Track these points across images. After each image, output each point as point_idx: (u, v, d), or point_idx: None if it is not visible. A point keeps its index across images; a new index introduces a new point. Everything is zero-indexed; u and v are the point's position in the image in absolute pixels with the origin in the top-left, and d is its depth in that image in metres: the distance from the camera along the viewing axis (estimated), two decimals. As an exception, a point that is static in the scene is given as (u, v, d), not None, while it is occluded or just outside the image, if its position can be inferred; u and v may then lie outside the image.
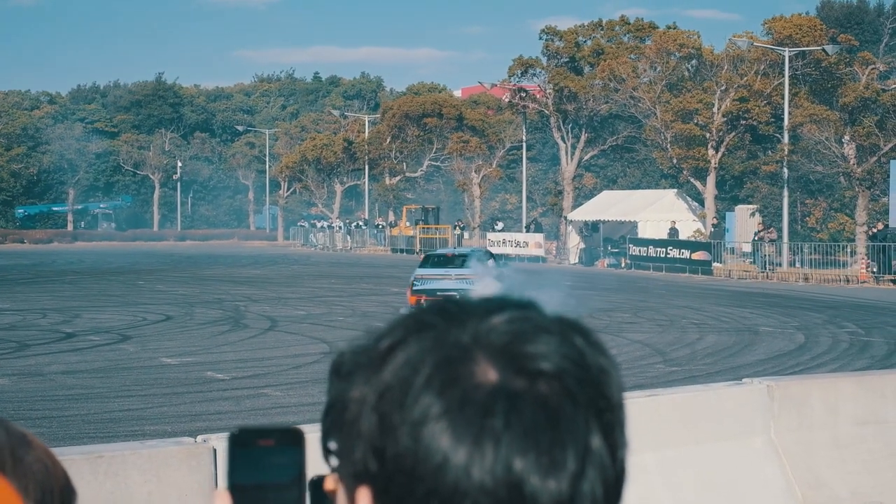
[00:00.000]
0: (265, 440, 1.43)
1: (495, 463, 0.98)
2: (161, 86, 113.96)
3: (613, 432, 1.06)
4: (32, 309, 34.08)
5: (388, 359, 1.07)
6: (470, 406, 1.00)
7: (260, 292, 40.92)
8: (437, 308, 1.10)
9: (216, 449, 8.24)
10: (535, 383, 1.02)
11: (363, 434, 1.06)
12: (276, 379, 20.17)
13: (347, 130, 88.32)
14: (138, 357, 23.19)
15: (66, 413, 16.48)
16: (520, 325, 1.06)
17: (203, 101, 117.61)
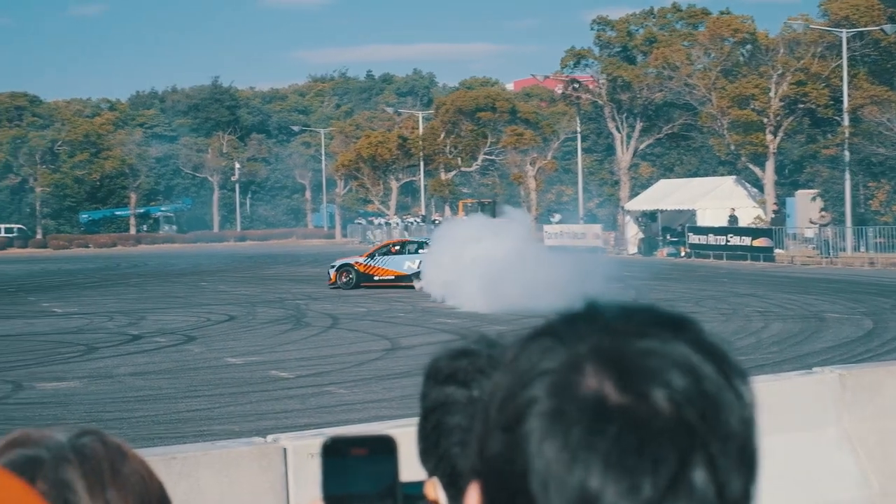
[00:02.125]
0: (358, 449, 1.43)
1: (583, 477, 0.96)
2: (217, 89, 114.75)
3: (722, 467, 0.98)
4: (99, 312, 34.48)
5: (505, 371, 1.05)
6: (567, 416, 0.98)
7: (320, 290, 41.11)
8: (560, 317, 1.07)
9: (286, 448, 8.30)
10: (640, 402, 0.98)
11: (472, 438, 1.06)
12: (339, 376, 20.26)
13: (402, 127, 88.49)
14: (204, 357, 23.39)
15: (135, 414, 16.67)
16: (640, 340, 1.01)
17: (259, 102, 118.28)
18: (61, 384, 19.97)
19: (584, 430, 0.97)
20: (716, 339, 1.04)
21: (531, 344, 1.05)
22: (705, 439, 0.98)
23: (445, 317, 30.35)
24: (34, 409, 17.37)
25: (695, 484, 0.96)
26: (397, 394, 18.13)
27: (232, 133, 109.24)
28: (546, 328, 1.06)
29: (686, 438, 0.97)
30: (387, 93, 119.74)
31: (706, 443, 0.98)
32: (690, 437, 0.97)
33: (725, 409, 1.00)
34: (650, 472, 0.96)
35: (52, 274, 57.74)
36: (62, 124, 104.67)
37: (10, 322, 32.37)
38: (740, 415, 1.01)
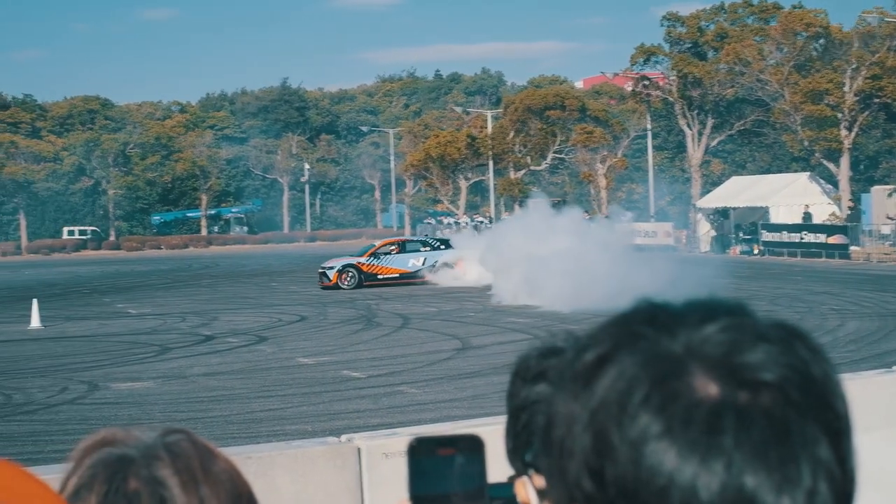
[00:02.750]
0: (445, 449, 1.40)
1: (726, 481, 0.93)
2: (287, 90, 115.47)
3: (841, 443, 0.99)
4: (172, 313, 34.80)
5: (598, 373, 1.00)
6: (694, 423, 0.94)
7: (391, 290, 41.18)
8: (645, 315, 1.03)
9: (361, 448, 8.26)
10: (759, 396, 0.96)
11: (576, 454, 0.99)
12: (411, 376, 20.24)
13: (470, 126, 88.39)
14: (276, 357, 23.50)
15: (209, 414, 16.75)
16: (735, 333, 0.99)
17: (327, 103, 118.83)
18: (136, 384, 20.15)
19: (718, 434, 0.94)
20: (791, 321, 1.03)
21: (621, 352, 1.00)
22: (826, 418, 0.98)
23: (516, 316, 30.23)
24: (110, 409, 17.53)
25: (824, 463, 0.96)
26: (469, 393, 18.07)
27: (301, 134, 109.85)
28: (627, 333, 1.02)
29: (811, 420, 0.97)
30: (455, 92, 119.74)
31: (827, 421, 0.98)
32: (814, 418, 0.97)
33: (832, 387, 1.00)
34: (800, 460, 0.95)
35: (125, 275, 58.41)
36: (134, 127, 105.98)
37: (85, 323, 32.77)
38: (841, 391, 1.01)
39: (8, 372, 22.40)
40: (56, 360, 24.22)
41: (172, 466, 1.34)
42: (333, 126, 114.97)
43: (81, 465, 1.36)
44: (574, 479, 1.00)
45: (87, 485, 1.33)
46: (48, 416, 17.13)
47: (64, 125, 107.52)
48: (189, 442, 1.39)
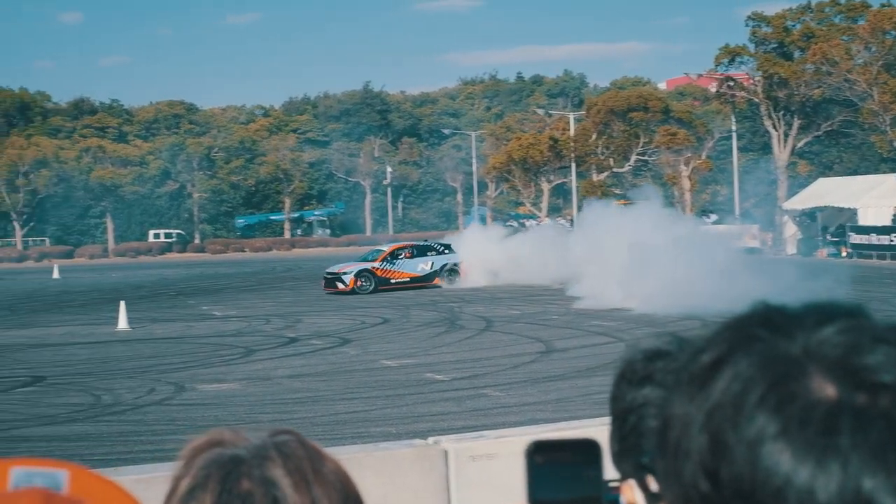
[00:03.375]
0: (562, 453, 1.41)
1: (843, 483, 0.92)
2: (369, 94, 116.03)
3: None
4: (257, 315, 35.08)
5: (715, 375, 1.00)
6: (811, 424, 0.94)
7: (473, 293, 41.14)
8: (761, 318, 1.02)
9: (448, 451, 8.22)
10: (877, 397, 0.95)
11: (692, 455, 0.99)
12: (494, 379, 20.17)
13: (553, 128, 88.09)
14: (359, 360, 23.57)
15: (294, 416, 16.81)
16: (854, 335, 0.98)
17: (409, 106, 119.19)
18: (222, 386, 20.31)
19: (836, 435, 0.93)
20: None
21: (737, 354, 0.99)
22: None
23: (601, 319, 30.02)
24: (196, 410, 17.67)
25: None
26: (553, 396, 17.96)
27: (384, 137, 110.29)
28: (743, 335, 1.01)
29: None
30: (537, 94, 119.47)
31: None
32: None
33: None
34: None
35: (210, 278, 59.03)
36: (218, 131, 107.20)
37: (171, 325, 33.14)
38: None
39: (97, 373, 22.71)
40: (143, 361, 24.51)
41: (284, 467, 1.34)
42: (416, 129, 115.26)
43: (192, 465, 1.35)
44: (690, 481, 0.99)
45: (201, 485, 1.33)
46: (136, 417, 17.33)
47: (150, 129, 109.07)
48: (298, 443, 1.40)
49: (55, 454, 14.41)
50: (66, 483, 1.24)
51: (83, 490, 1.23)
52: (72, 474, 1.25)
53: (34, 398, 19.52)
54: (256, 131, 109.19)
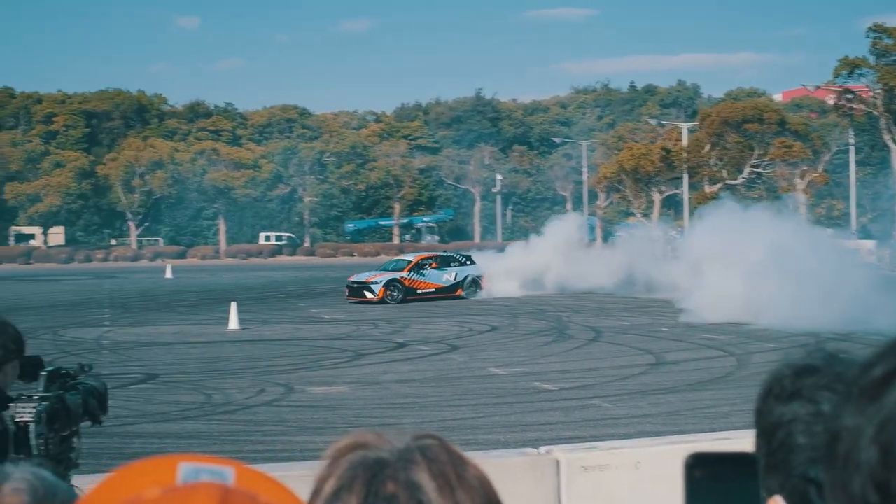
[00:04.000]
0: (721, 466, 1.38)
1: None
2: (480, 101, 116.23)
3: None
4: (365, 320, 35.29)
5: (886, 388, 0.99)
6: None
7: (581, 303, 40.90)
8: None
9: (559, 461, 8.13)
10: None
11: (862, 467, 0.99)
12: (603, 390, 19.99)
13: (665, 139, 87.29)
14: (467, 367, 23.53)
15: (401, 421, 16.82)
16: None
17: (521, 114, 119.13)
18: (331, 389, 20.42)
19: None
20: None
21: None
22: None
23: (712, 333, 29.60)
24: (305, 412, 17.79)
25: None
26: (663, 409, 17.73)
27: (494, 144, 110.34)
28: None
29: None
30: (650, 104, 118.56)
31: None
32: None
33: None
34: None
35: (319, 281, 59.55)
36: (330, 136, 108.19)
37: (281, 327, 33.48)
38: None
39: (208, 372, 23.00)
40: (253, 362, 24.77)
41: (429, 471, 1.33)
42: (526, 137, 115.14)
43: (337, 466, 1.34)
44: (859, 493, 0.99)
45: (346, 486, 1.32)
46: (246, 417, 17.49)
47: (263, 133, 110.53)
48: (442, 447, 1.38)
49: (167, 451, 14.60)
50: (232, 480, 1.23)
51: (249, 487, 1.23)
52: (237, 471, 1.23)
53: (147, 395, 19.83)
54: (368, 137, 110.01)
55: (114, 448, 14.36)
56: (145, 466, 1.18)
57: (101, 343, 29.18)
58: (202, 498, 1.11)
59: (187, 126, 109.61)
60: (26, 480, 1.40)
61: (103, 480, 1.18)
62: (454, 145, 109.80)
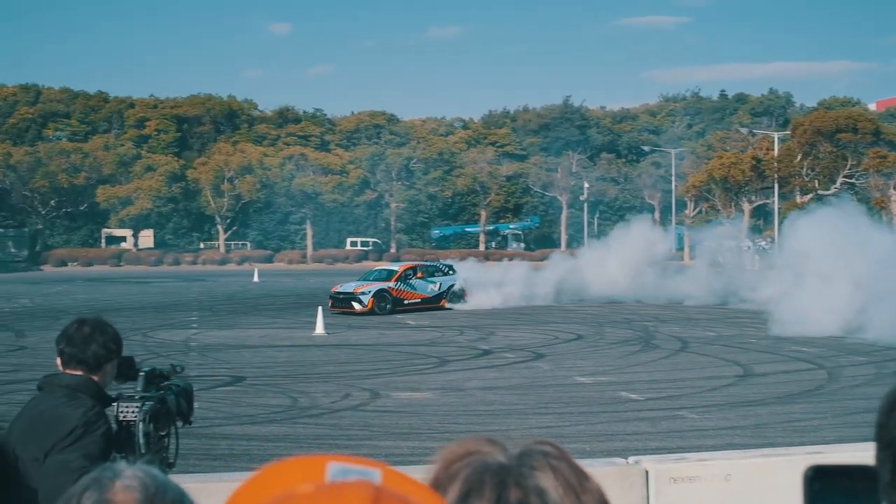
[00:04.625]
0: (842, 480, 1.37)
1: None
2: (568, 108, 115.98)
3: None
4: (450, 326, 35.30)
5: None
6: None
7: (668, 312, 40.53)
8: None
9: (648, 471, 8.02)
10: None
11: None
12: (690, 401, 19.74)
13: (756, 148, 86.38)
14: (552, 375, 23.40)
15: (487, 427, 16.75)
16: None
17: (609, 122, 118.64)
18: (415, 394, 20.42)
19: None
20: None
21: None
22: None
23: (802, 345, 29.13)
24: (390, 417, 17.80)
25: None
26: (751, 422, 17.46)
27: (582, 152, 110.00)
28: None
29: None
30: (740, 113, 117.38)
31: None
32: None
33: None
34: None
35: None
36: (417, 142, 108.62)
37: (366, 332, 33.61)
38: None
39: (294, 376, 23.14)
40: (339, 366, 24.87)
41: (554, 478, 1.34)
42: (614, 145, 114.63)
43: (457, 471, 1.35)
44: None
45: (476, 490, 1.33)
46: (332, 421, 17.54)
47: (351, 139, 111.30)
48: (561, 454, 1.40)
49: (254, 453, 14.70)
50: (380, 480, 1.24)
51: (396, 488, 1.24)
52: (384, 472, 1.24)
53: (235, 397, 19.99)
54: (455, 143, 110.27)
55: (201, 449, 14.48)
56: (295, 464, 1.20)
57: (189, 345, 29.51)
58: (355, 496, 1.12)
59: (276, 131, 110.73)
60: (137, 478, 1.40)
61: (252, 476, 1.20)
62: (542, 152, 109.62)
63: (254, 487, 1.17)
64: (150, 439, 4.41)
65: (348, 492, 1.14)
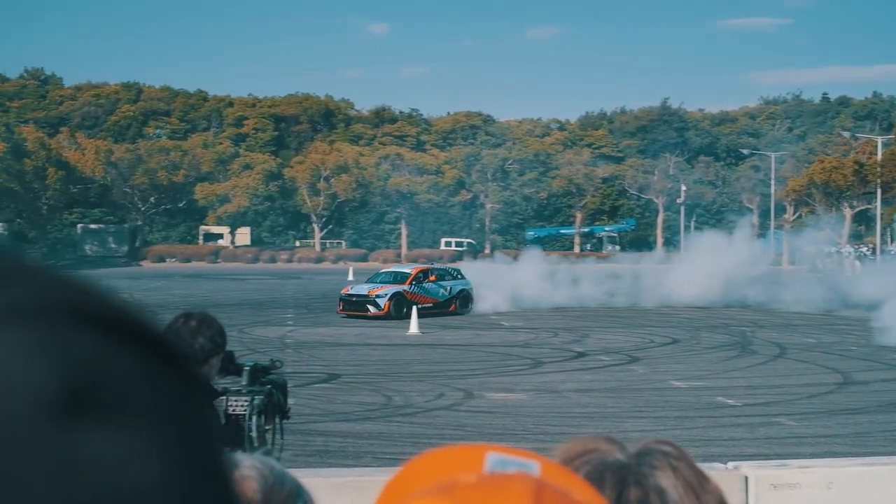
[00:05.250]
0: None
1: None
2: (666, 111, 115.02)
3: None
4: (545, 328, 35.19)
5: None
6: None
7: (766, 318, 39.98)
8: None
9: (748, 477, 7.90)
10: None
11: None
12: (788, 407, 19.44)
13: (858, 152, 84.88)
14: (647, 379, 23.21)
15: (582, 430, 16.64)
16: None
17: (707, 125, 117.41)
18: (510, 395, 20.38)
19: None
20: None
21: None
22: None
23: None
24: (484, 418, 17.79)
25: None
26: (851, 430, 17.15)
27: (679, 155, 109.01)
28: None
29: None
30: (843, 116, 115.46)
31: None
32: None
33: None
34: None
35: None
36: (513, 143, 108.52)
37: (460, 332, 33.66)
38: None
39: (389, 374, 23.23)
40: (433, 366, 24.91)
41: (673, 478, 1.32)
42: (713, 148, 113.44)
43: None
44: None
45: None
46: (426, 420, 17.58)
47: (447, 139, 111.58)
48: (682, 455, 1.37)
49: (349, 450, 14.78)
50: (539, 473, 1.24)
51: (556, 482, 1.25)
52: (543, 465, 1.24)
53: (330, 395, 20.12)
54: (551, 145, 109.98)
55: (297, 445, 14.59)
56: (453, 452, 1.17)
57: (285, 342, 29.79)
58: (517, 489, 1.13)
59: (373, 131, 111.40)
60: (256, 468, 1.40)
61: (411, 462, 1.21)
62: (638, 155, 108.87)
63: (414, 473, 1.17)
64: (261, 433, 4.44)
65: (510, 484, 1.14)
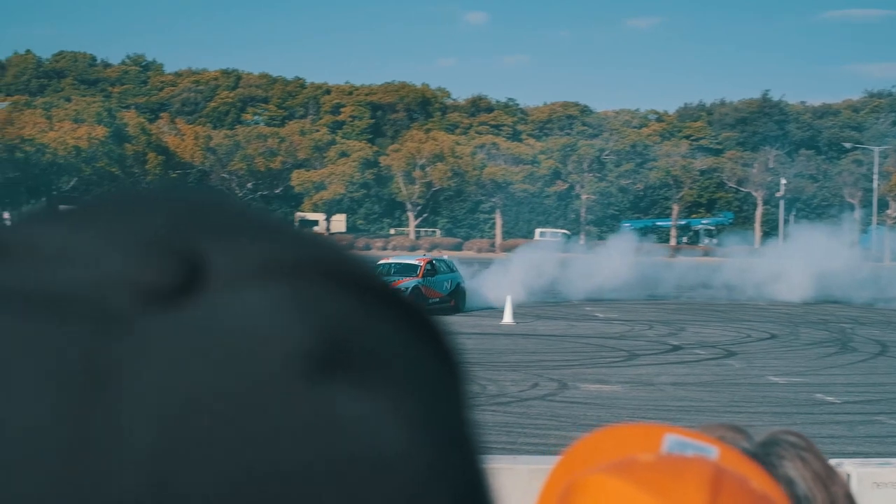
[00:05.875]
0: None
1: None
2: (767, 103, 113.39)
3: None
4: (640, 320, 34.95)
5: None
6: None
7: (867, 315, 39.28)
8: None
9: (850, 474, 7.79)
10: None
11: None
12: (890, 406, 19.08)
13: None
14: (745, 374, 22.95)
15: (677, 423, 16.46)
16: None
17: (809, 117, 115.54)
18: (604, 387, 20.29)
19: None
20: None
21: None
22: None
23: None
24: (578, 409, 17.73)
25: None
26: (955, 431, 16.78)
27: (780, 148, 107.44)
28: None
29: None
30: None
31: None
32: None
33: None
34: None
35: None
36: (610, 134, 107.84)
37: (554, 322, 33.60)
38: None
39: (483, 364, 23.23)
40: (527, 356, 24.89)
41: (802, 468, 1.27)
42: (814, 141, 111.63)
43: None
44: None
45: None
46: (520, 410, 17.56)
47: (543, 129, 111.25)
48: (809, 446, 1.30)
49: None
50: (716, 458, 1.24)
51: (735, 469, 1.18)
52: (721, 451, 1.24)
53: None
54: (649, 136, 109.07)
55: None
56: (633, 430, 1.17)
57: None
58: (695, 473, 1.12)
59: (469, 120, 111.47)
60: None
61: (589, 435, 1.21)
62: (737, 147, 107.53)
63: (590, 447, 1.16)
64: None
65: (688, 467, 1.13)
